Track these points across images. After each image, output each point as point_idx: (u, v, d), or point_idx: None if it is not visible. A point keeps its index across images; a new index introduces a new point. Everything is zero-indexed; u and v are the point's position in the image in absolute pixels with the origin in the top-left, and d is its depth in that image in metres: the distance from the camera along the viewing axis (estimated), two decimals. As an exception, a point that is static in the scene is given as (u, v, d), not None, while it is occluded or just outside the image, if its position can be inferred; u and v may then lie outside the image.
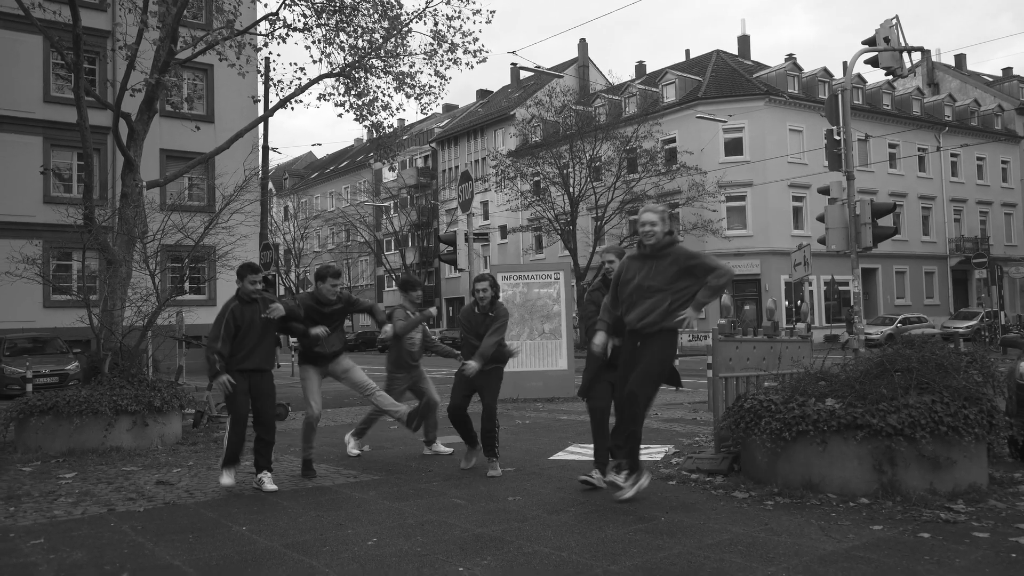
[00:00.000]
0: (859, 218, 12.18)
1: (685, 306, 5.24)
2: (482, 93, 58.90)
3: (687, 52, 46.56)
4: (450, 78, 14.40)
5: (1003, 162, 46.29)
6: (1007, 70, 53.09)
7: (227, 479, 6.16)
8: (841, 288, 31.55)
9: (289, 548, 4.51)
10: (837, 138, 12.74)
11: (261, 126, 23.61)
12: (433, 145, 54.76)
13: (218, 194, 12.60)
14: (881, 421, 5.16)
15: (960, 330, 29.65)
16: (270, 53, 22.21)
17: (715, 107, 35.27)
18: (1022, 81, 49.96)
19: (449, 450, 7.63)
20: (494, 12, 12.91)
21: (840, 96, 12.76)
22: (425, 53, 13.02)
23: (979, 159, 44.83)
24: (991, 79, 52.68)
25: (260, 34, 13.09)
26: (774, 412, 5.56)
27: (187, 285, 12.56)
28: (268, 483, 6.17)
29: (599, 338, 5.53)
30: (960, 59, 53.18)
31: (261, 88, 23.25)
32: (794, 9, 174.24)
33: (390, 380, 7.60)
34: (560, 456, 7.39)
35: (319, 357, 6.69)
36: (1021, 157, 47.17)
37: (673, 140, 37.14)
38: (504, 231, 45.61)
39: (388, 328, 7.11)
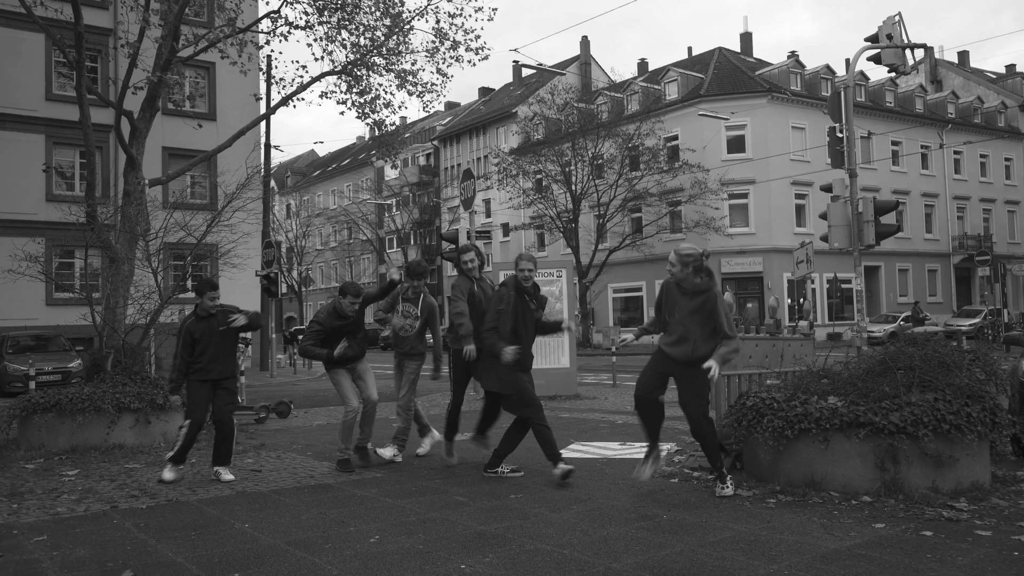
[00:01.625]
0: (862, 216, 12.17)
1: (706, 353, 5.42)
2: (484, 91, 58.86)
3: (689, 49, 46.52)
4: (452, 76, 14.34)
5: (1006, 159, 46.18)
6: (1010, 67, 52.94)
7: (169, 474, 6.51)
8: (844, 286, 31.48)
9: (291, 545, 4.52)
10: (840, 135, 12.72)
11: (263, 124, 23.65)
12: (435, 143, 54.73)
13: (220, 192, 12.59)
14: (883, 419, 5.16)
15: (963, 328, 29.59)
16: (272, 51, 22.21)
17: (717, 104, 35.20)
18: (1025, 78, 49.82)
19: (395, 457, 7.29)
20: (496, 9, 12.89)
21: (843, 93, 12.74)
22: (427, 51, 13.01)
23: (982, 156, 44.72)
24: (994, 76, 52.54)
25: (262, 32, 13.09)
26: (776, 410, 5.55)
27: (189, 283, 12.54)
28: (225, 474, 6.57)
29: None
30: (963, 56, 53.02)
31: (263, 86, 23.27)
32: (796, 7, 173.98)
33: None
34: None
35: (345, 360, 6.98)
36: (1024, 154, 47.07)
37: (675, 138, 37.08)
38: (506, 229, 45.57)
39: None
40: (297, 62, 14.72)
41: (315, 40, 12.80)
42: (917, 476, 5.16)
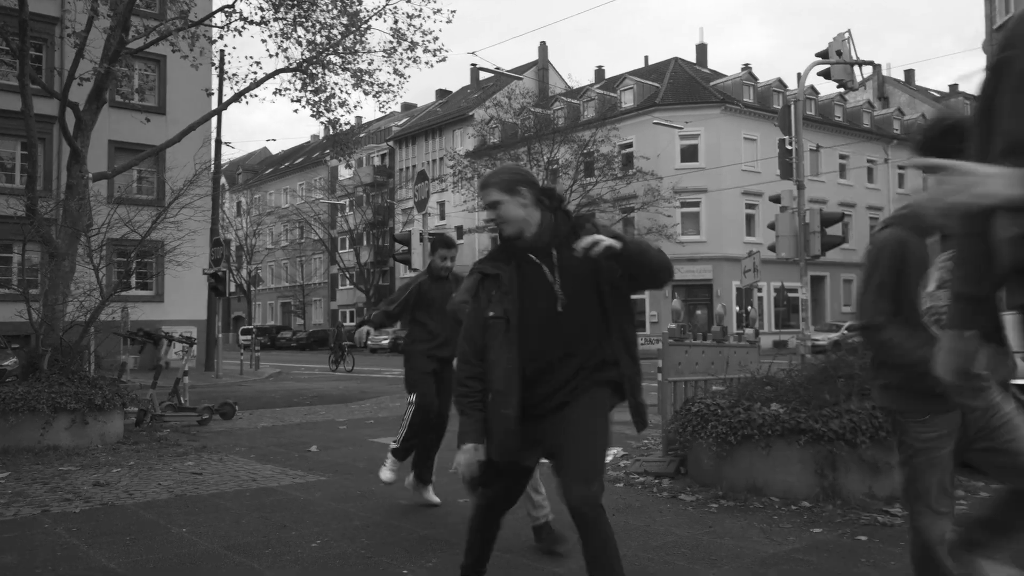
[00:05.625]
0: (808, 226, 12.43)
1: None
2: (441, 93, 58.73)
3: (646, 59, 47.12)
4: (409, 77, 14.26)
5: (947, 175, 47.66)
6: (953, 87, 54.76)
7: (388, 473, 5.44)
8: (790, 295, 32.14)
9: (230, 550, 4.43)
10: (789, 147, 12.99)
11: (214, 120, 23.22)
12: (391, 144, 54.42)
13: (168, 188, 12.34)
14: (823, 426, 5.26)
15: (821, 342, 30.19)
16: (225, 46, 21.85)
17: (672, 114, 35.67)
18: (967, 98, 51.48)
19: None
20: (455, 12, 12.94)
21: (793, 106, 13.02)
22: (384, 51, 12.96)
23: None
24: (938, 95, 54.25)
25: (215, 26, 12.91)
26: (720, 416, 5.63)
27: (133, 280, 12.26)
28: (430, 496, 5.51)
29: None
30: (909, 74, 54.68)
31: (215, 81, 22.81)
32: (750, 22, 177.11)
33: None
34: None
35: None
36: (964, 171, 48.64)
37: (630, 145, 37.48)
38: (460, 232, 45.50)
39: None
40: (251, 58, 14.55)
41: (270, 36, 12.65)
42: (854, 482, 5.27)
